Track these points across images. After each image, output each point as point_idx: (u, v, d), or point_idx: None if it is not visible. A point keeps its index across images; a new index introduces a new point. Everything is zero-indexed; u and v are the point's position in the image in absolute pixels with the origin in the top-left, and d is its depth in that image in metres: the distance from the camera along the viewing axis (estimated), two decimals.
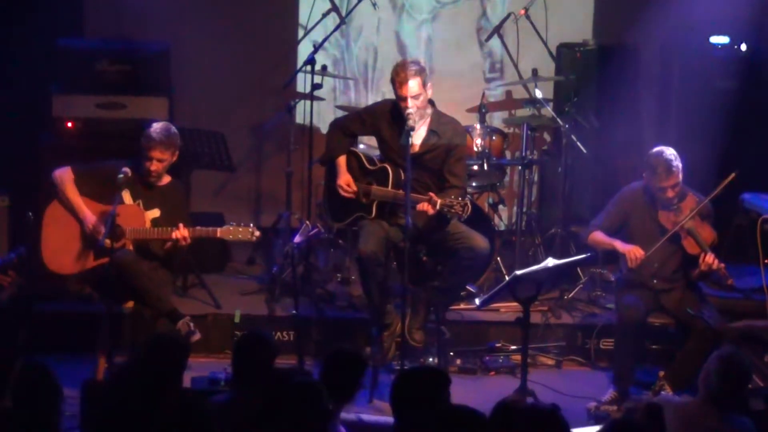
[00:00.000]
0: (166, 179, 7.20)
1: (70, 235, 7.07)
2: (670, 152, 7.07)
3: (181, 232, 6.89)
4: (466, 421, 4.56)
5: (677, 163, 7.04)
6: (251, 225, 7.05)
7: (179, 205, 7.21)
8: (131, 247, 6.98)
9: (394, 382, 5.03)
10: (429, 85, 7.10)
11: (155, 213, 7.09)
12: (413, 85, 7.00)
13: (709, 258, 6.97)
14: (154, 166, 7.03)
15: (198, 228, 6.98)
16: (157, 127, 7.10)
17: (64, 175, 7.10)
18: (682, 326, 7.27)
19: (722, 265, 7.00)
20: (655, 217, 7.18)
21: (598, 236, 7.25)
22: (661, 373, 7.15)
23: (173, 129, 7.14)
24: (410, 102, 6.99)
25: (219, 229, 6.98)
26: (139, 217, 7.02)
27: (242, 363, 5.46)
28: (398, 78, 7.04)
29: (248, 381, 5.35)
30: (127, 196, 7.05)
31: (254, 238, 7.04)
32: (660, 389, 6.98)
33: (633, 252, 7.07)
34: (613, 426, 4.73)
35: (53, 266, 7.09)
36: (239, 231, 6.99)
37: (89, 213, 7.03)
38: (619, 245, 7.15)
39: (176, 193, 7.24)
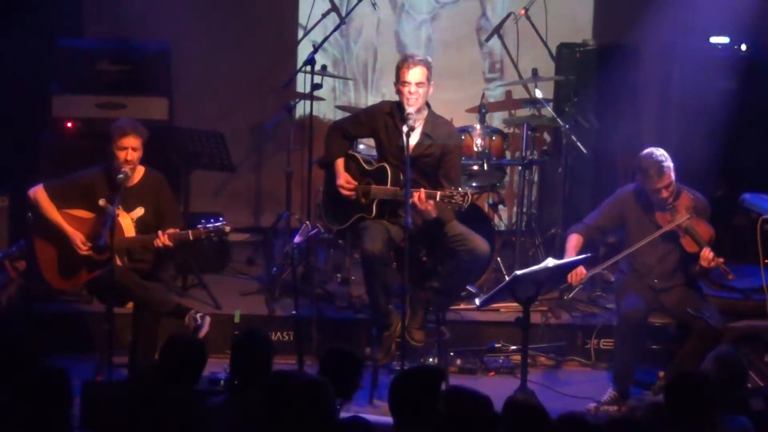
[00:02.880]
0: (139, 174, 7.03)
1: (61, 251, 6.99)
2: (659, 153, 7.06)
3: (162, 240, 6.79)
4: (470, 403, 4.58)
5: (668, 164, 7.03)
6: (221, 219, 6.92)
7: (162, 195, 7.08)
8: (118, 259, 6.85)
9: (393, 382, 5.03)
10: (432, 83, 7.06)
11: (139, 212, 6.98)
12: (418, 71, 6.94)
13: (708, 253, 6.96)
14: (130, 156, 6.86)
15: (173, 233, 6.84)
16: (122, 119, 7.08)
17: (38, 195, 6.97)
18: (682, 326, 7.27)
19: (721, 260, 6.98)
20: (652, 219, 7.18)
21: (571, 241, 7.25)
22: (661, 373, 7.16)
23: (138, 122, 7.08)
24: (413, 88, 6.94)
25: (190, 232, 6.85)
26: (119, 227, 6.84)
27: (241, 362, 5.47)
28: (404, 64, 6.99)
29: (248, 380, 5.36)
30: (103, 204, 6.87)
31: (227, 231, 6.90)
32: (660, 389, 6.97)
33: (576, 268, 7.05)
34: (610, 425, 4.72)
35: (49, 280, 7.05)
36: (210, 230, 6.85)
37: (72, 230, 6.93)
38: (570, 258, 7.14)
39: (155, 183, 7.09)
